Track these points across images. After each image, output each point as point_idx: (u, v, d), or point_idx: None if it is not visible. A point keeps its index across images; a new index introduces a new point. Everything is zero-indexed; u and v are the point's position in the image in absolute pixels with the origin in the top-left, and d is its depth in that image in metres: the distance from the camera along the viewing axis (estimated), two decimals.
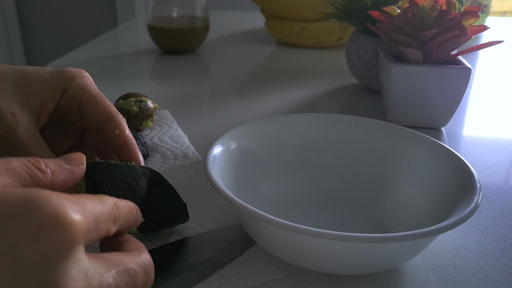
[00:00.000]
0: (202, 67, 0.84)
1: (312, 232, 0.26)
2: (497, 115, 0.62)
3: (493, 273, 0.32)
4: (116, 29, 1.12)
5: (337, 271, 0.31)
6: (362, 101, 0.65)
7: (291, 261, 0.31)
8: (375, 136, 0.41)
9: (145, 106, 0.51)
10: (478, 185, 0.31)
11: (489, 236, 0.36)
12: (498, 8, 2.62)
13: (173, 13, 0.86)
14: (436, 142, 0.38)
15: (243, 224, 0.33)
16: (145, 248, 0.25)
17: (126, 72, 0.81)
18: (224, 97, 0.66)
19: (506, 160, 0.49)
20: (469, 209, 0.29)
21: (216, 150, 0.36)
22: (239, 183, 0.37)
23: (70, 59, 0.84)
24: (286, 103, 0.64)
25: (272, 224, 0.27)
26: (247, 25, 1.12)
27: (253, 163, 0.39)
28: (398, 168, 0.39)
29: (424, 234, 0.27)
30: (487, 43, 0.51)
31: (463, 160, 0.35)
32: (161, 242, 0.34)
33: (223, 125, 0.56)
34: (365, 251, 0.28)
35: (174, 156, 0.46)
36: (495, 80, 0.78)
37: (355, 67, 0.66)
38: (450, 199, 0.32)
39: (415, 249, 0.30)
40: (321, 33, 0.90)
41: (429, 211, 0.34)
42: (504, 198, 0.42)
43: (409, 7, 0.51)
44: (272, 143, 0.41)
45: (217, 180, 0.31)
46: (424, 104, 0.53)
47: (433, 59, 0.52)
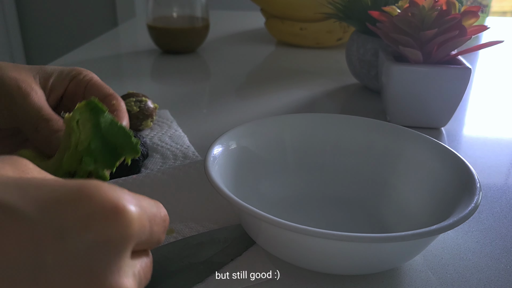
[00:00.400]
0: (202, 67, 0.84)
1: (312, 232, 0.26)
2: (497, 115, 0.62)
3: (493, 273, 0.32)
4: (116, 29, 1.12)
5: (337, 271, 0.31)
6: (362, 101, 0.65)
7: (291, 261, 0.31)
8: (375, 136, 0.41)
9: (145, 106, 0.51)
10: (478, 185, 0.31)
11: (489, 236, 0.36)
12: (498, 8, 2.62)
13: (173, 13, 0.86)
14: (436, 142, 0.38)
15: (243, 224, 0.33)
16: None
17: (126, 72, 0.81)
18: (224, 97, 0.66)
19: (506, 160, 0.49)
20: (469, 209, 0.29)
21: (216, 150, 0.36)
22: (239, 183, 0.37)
23: (70, 59, 0.83)
24: (286, 103, 0.64)
25: (272, 224, 0.27)
26: (247, 25, 1.12)
27: (253, 163, 0.39)
28: (398, 168, 0.39)
29: (424, 234, 0.27)
30: (487, 43, 0.50)
31: (463, 160, 0.35)
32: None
33: (223, 125, 0.56)
34: (365, 251, 0.28)
35: (174, 156, 0.46)
36: (495, 80, 0.78)
37: (355, 67, 0.66)
38: (450, 199, 0.32)
39: (415, 249, 0.30)
40: (321, 33, 0.90)
41: (429, 211, 0.34)
42: (504, 198, 0.42)
43: (409, 7, 0.51)
44: (272, 143, 0.41)
45: (217, 180, 0.31)
46: (424, 104, 0.53)
47: (433, 59, 0.52)
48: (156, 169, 0.44)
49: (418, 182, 0.37)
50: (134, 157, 0.31)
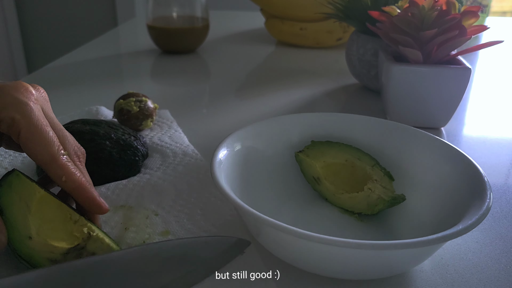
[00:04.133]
0: (202, 67, 0.84)
1: (323, 239, 0.26)
2: (497, 115, 0.62)
3: (493, 273, 0.32)
4: (116, 29, 1.12)
5: (344, 276, 0.31)
6: (362, 101, 0.65)
7: (300, 266, 0.31)
8: (386, 136, 0.40)
9: (145, 106, 0.51)
10: (488, 190, 0.31)
11: (489, 236, 0.36)
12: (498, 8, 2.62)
13: (173, 13, 0.86)
14: (446, 144, 0.37)
15: (247, 224, 0.33)
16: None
17: (126, 72, 0.81)
18: (224, 97, 0.66)
19: (506, 160, 0.49)
20: (480, 213, 0.28)
21: (222, 153, 0.35)
22: (245, 185, 0.37)
23: (70, 59, 0.84)
24: (286, 103, 0.64)
25: (282, 231, 0.27)
26: (247, 25, 1.12)
27: (259, 164, 0.39)
28: (407, 171, 0.38)
29: (434, 240, 0.26)
30: (487, 43, 0.50)
31: (473, 163, 0.34)
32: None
33: (223, 125, 0.56)
34: (375, 258, 0.28)
35: (173, 154, 0.46)
36: (495, 80, 0.78)
37: (355, 67, 0.66)
38: (459, 203, 0.32)
39: (424, 255, 0.30)
40: (321, 33, 0.90)
41: (438, 214, 0.34)
42: (504, 198, 0.42)
43: (409, 7, 0.51)
44: (278, 143, 0.40)
45: (223, 185, 0.31)
46: (424, 104, 0.53)
47: (433, 59, 0.52)
48: (155, 168, 0.44)
49: (427, 185, 0.36)
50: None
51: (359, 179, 0.38)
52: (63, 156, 0.31)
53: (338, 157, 0.39)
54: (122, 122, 0.50)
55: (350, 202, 0.37)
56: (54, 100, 0.36)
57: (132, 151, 0.43)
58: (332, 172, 0.39)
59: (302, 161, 0.39)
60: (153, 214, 0.37)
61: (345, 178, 0.39)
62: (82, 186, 0.31)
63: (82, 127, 0.43)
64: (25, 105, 0.30)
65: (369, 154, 0.39)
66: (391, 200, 0.35)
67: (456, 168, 0.35)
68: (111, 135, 0.43)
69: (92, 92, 0.67)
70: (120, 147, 0.43)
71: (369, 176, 0.37)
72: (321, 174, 0.38)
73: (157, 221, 0.36)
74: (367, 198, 0.36)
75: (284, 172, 0.40)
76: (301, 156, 0.39)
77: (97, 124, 0.45)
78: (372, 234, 0.36)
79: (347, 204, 0.38)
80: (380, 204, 0.35)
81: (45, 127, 0.30)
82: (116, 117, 0.51)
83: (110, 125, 0.45)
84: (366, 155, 0.39)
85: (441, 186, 0.35)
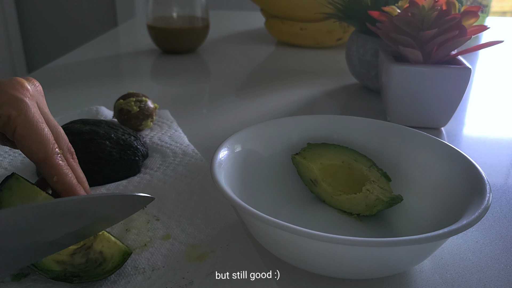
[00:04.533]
0: (202, 67, 0.84)
1: (324, 237, 0.26)
2: (497, 115, 0.62)
3: (493, 273, 0.32)
4: (116, 29, 1.12)
5: (344, 275, 0.31)
6: (362, 101, 0.65)
7: (300, 265, 0.31)
8: (383, 138, 0.40)
9: (145, 106, 0.51)
10: (487, 186, 0.31)
11: (489, 236, 0.36)
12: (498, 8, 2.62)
13: (173, 13, 0.86)
14: (444, 144, 0.37)
15: (247, 224, 0.33)
16: None
17: (126, 72, 0.81)
18: (224, 97, 0.66)
19: (506, 160, 0.49)
20: (480, 211, 0.28)
21: (222, 153, 0.36)
22: (245, 185, 0.37)
23: (70, 59, 0.84)
24: (286, 103, 0.64)
25: (282, 229, 0.27)
26: (247, 25, 1.12)
27: (259, 166, 0.39)
28: (407, 171, 0.38)
29: (435, 237, 0.26)
30: (487, 43, 0.50)
31: (473, 163, 0.34)
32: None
33: (223, 125, 0.56)
34: (375, 255, 0.28)
35: (173, 154, 0.46)
36: (495, 80, 0.78)
37: (355, 67, 0.66)
38: (459, 202, 0.32)
39: (425, 253, 0.30)
40: (321, 33, 0.90)
41: (437, 214, 0.34)
42: (504, 198, 0.42)
43: (409, 7, 0.51)
44: (278, 145, 0.40)
45: (224, 185, 0.31)
46: (424, 104, 0.53)
47: (433, 59, 0.52)
48: (155, 168, 0.44)
49: (427, 185, 0.36)
50: None
51: (356, 180, 0.38)
52: (58, 155, 0.31)
53: (335, 158, 0.39)
54: (122, 122, 0.50)
55: (348, 204, 0.37)
56: (54, 100, 0.36)
57: (132, 151, 0.43)
58: (329, 174, 0.39)
59: (299, 164, 0.39)
60: (154, 219, 0.37)
61: (342, 180, 0.39)
62: (72, 189, 0.31)
63: (82, 127, 0.43)
64: (21, 102, 0.30)
65: (365, 156, 0.39)
66: (389, 201, 0.35)
67: (456, 168, 0.35)
68: (111, 135, 0.43)
69: (92, 92, 0.67)
70: (120, 147, 0.43)
71: (366, 177, 0.37)
72: (319, 176, 0.38)
73: (158, 226, 0.36)
74: (365, 199, 0.36)
75: (284, 174, 0.40)
76: (297, 159, 0.39)
77: (97, 124, 0.45)
78: (372, 234, 0.36)
79: (345, 206, 0.38)
80: (379, 205, 0.35)
81: (41, 124, 0.30)
82: (116, 117, 0.51)
83: (110, 125, 0.45)
84: (363, 156, 0.39)
85: (440, 186, 0.35)
